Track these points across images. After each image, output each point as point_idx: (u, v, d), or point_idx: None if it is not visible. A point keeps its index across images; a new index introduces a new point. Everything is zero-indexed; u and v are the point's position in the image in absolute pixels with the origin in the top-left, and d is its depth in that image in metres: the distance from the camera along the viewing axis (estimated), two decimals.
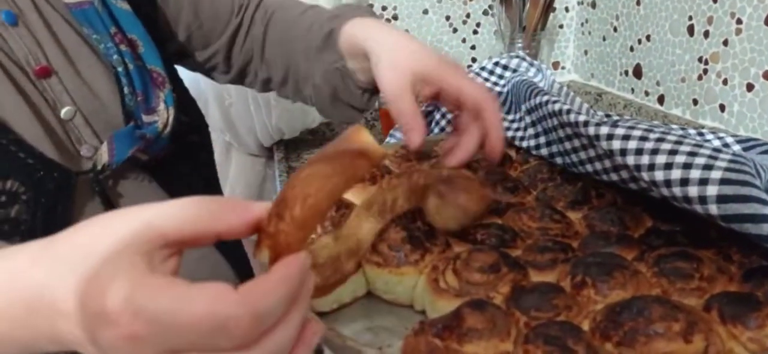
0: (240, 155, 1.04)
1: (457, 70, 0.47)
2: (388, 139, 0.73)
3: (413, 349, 0.31)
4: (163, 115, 0.50)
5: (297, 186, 0.26)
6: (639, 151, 0.41)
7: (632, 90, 1.08)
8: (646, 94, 1.04)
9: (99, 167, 0.46)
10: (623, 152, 0.42)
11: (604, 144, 0.44)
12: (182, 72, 0.61)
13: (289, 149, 1.00)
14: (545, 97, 0.53)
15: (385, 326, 0.37)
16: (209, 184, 0.63)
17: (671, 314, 0.29)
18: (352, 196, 0.49)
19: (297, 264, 0.25)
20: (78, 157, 0.46)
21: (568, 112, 0.48)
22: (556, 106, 0.50)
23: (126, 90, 0.48)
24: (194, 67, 0.64)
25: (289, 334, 0.25)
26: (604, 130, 0.44)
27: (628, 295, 0.34)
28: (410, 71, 0.46)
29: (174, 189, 0.52)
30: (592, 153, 0.48)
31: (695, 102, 0.94)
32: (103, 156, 0.46)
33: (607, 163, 0.47)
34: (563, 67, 1.27)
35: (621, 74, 1.10)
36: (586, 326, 0.32)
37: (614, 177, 0.47)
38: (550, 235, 0.42)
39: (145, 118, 0.49)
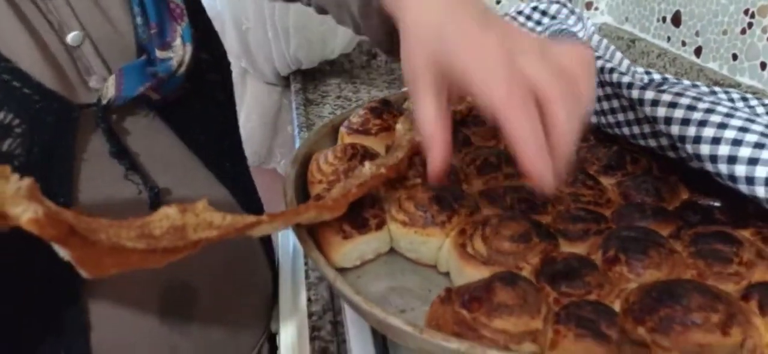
0: (256, 83, 1.02)
1: (481, 58, 0.30)
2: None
3: (439, 317, 0.30)
4: (178, 52, 0.45)
5: None
6: (685, 122, 0.39)
7: (668, 38, 1.02)
8: (683, 44, 0.99)
9: (104, 102, 0.42)
10: (668, 121, 0.40)
11: (647, 109, 0.42)
12: None
13: (306, 80, 0.98)
14: None
15: (408, 287, 0.36)
16: (226, 126, 0.59)
17: (711, 304, 0.28)
18: (371, 142, 0.47)
19: None
20: (83, 88, 0.42)
21: (611, 71, 0.45)
22: (598, 64, 0.47)
23: (138, 20, 0.44)
24: None
25: None
26: (650, 95, 0.41)
27: (662, 275, 0.33)
28: (426, 57, 0.32)
29: (186, 130, 0.49)
30: (631, 116, 0.46)
31: (735, 57, 0.89)
32: (110, 89, 0.42)
33: (647, 128, 0.45)
34: (596, 8, 1.21)
35: (658, 20, 1.05)
36: (617, 306, 0.31)
37: (652, 143, 0.45)
38: (581, 201, 0.41)
39: (159, 54, 0.45)
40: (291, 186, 0.41)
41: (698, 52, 0.96)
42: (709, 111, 0.38)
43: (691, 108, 0.39)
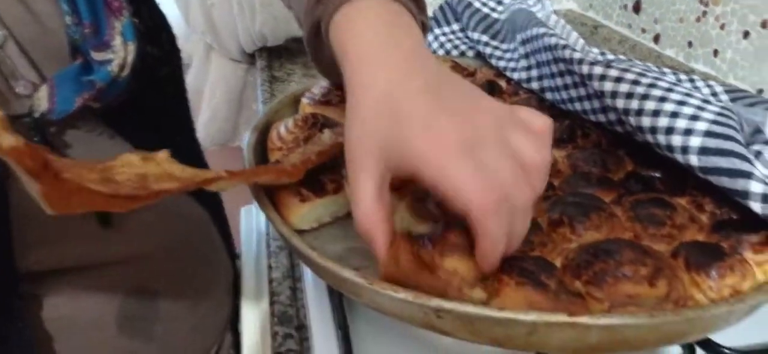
0: (220, 59, 1.01)
1: (440, 153, 0.27)
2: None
3: (394, 256, 0.31)
4: (119, 53, 0.39)
5: None
6: (629, 95, 0.41)
7: (629, 25, 1.06)
8: (643, 31, 1.02)
9: (36, 115, 0.37)
10: (614, 94, 0.42)
11: (596, 84, 0.43)
12: None
13: (272, 57, 0.97)
14: (542, 30, 0.51)
15: (364, 248, 0.37)
16: (178, 119, 0.55)
17: (640, 259, 0.30)
18: (332, 112, 0.48)
19: None
20: (11, 96, 0.37)
21: (564, 47, 0.47)
22: (552, 41, 0.49)
23: (68, 19, 0.38)
24: None
25: None
26: (598, 70, 0.43)
27: (601, 236, 0.35)
28: (376, 149, 0.29)
29: (135, 134, 0.45)
30: (582, 92, 0.48)
31: (690, 44, 0.93)
32: (42, 102, 0.37)
33: (596, 104, 0.47)
34: None
35: (620, 7, 1.08)
36: (558, 263, 0.33)
37: (602, 118, 0.47)
38: None
39: (96, 56, 0.39)
40: (251, 151, 0.42)
41: (657, 39, 1.00)
42: (651, 85, 0.41)
43: (635, 82, 0.41)
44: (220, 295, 0.58)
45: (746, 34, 0.82)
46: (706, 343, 0.38)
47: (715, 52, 0.88)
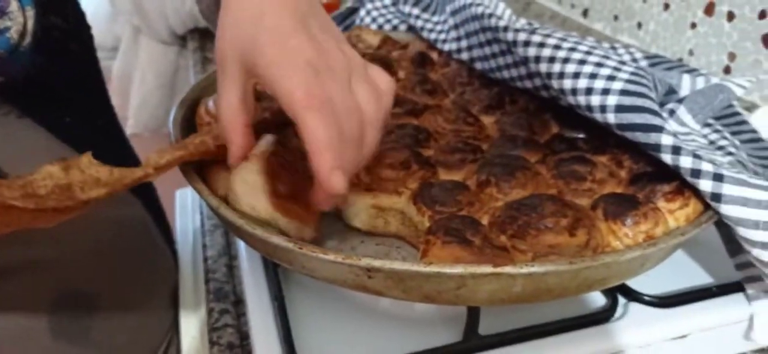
0: (150, 42, 0.97)
1: (286, 62, 0.29)
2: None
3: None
4: (17, 19, 0.37)
5: None
6: (551, 59, 0.42)
7: (560, 1, 1.09)
8: (572, 6, 1.06)
9: None
10: (537, 59, 0.43)
11: (520, 50, 0.45)
12: None
13: (204, 38, 0.94)
14: (469, 0, 0.52)
15: None
16: (96, 100, 0.52)
17: (561, 211, 0.32)
18: None
19: None
20: None
21: (490, 16, 0.48)
22: (479, 10, 0.50)
23: None
24: None
25: None
26: (522, 36, 0.45)
27: (527, 193, 0.36)
28: (239, 56, 0.31)
29: (47, 116, 0.42)
30: (509, 59, 0.49)
31: (616, 18, 0.97)
32: None
33: (523, 70, 0.48)
34: None
35: None
36: (485, 221, 0.34)
37: (528, 84, 0.48)
38: (462, 137, 0.43)
39: None
40: (177, 127, 0.40)
41: (585, 13, 1.03)
42: (572, 49, 0.42)
43: (557, 47, 0.43)
44: (164, 294, 0.56)
45: (666, 7, 0.87)
46: (627, 291, 0.41)
47: (639, 25, 0.92)
